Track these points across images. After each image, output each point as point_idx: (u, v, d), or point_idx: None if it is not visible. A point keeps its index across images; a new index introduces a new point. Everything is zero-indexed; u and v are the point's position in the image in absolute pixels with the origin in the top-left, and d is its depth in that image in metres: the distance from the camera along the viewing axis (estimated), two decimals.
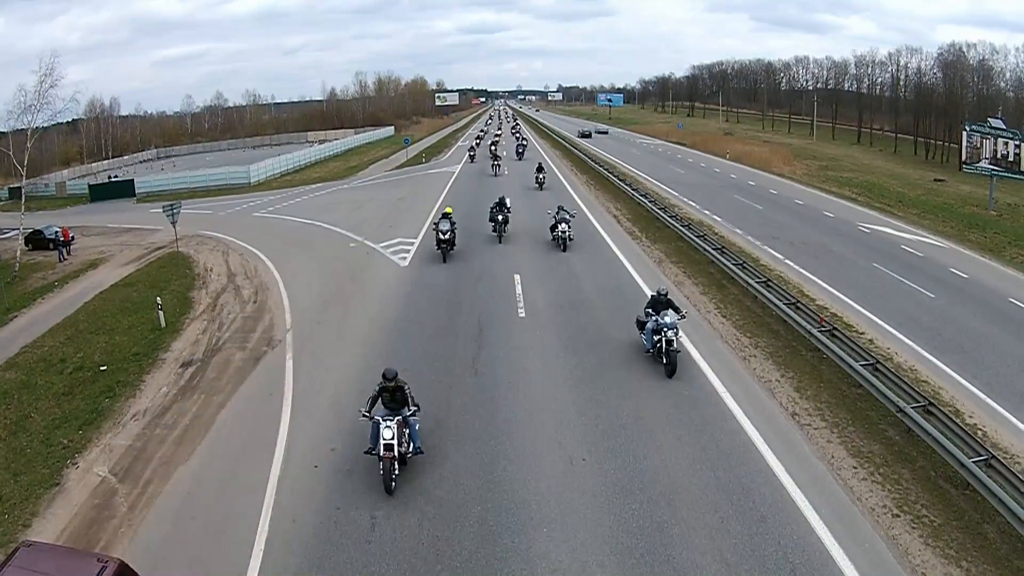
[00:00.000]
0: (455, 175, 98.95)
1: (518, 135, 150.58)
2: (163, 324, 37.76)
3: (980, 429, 24.56)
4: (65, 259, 60.51)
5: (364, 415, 21.70)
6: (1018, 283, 44.61)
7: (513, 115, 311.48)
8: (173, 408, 27.98)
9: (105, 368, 32.70)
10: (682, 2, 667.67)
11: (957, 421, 23.30)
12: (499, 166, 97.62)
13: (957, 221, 68.48)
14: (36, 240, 66.56)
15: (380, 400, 22.12)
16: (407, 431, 21.50)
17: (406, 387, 22.16)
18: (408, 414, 21.74)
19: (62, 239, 62.61)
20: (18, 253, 59.82)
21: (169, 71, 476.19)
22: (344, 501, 20.51)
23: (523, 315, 35.95)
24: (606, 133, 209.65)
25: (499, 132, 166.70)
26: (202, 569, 18.27)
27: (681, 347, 27.49)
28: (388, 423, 21.05)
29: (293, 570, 17.87)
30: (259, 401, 27.89)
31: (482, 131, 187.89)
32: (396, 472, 20.82)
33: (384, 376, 21.95)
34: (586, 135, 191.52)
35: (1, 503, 22.15)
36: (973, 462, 20.05)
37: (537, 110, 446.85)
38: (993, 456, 20.44)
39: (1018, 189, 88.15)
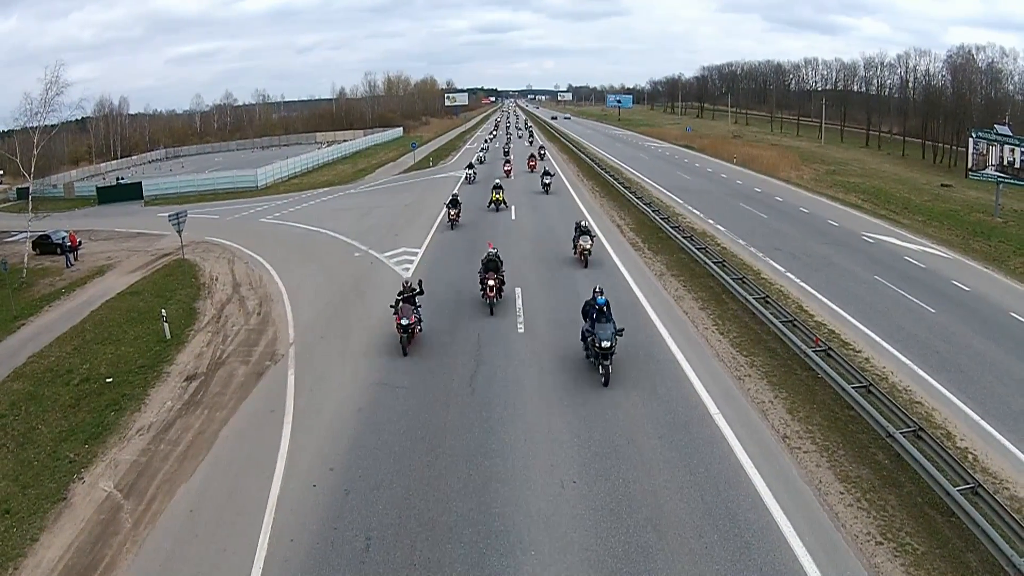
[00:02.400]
0: None
1: (546, 176, 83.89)
2: (168, 336, 38.18)
3: (971, 453, 24.70)
4: (72, 264, 60.66)
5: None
6: (1020, 296, 44.54)
7: (526, 123, 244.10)
8: (177, 423, 28.35)
9: (111, 380, 33.20)
10: (695, 2, 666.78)
11: (947, 446, 23.48)
12: None
13: (962, 229, 68.32)
14: (44, 245, 66.83)
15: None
16: None
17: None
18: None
19: (69, 244, 62.86)
20: (26, 258, 60.11)
21: (181, 69, 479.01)
22: (340, 522, 20.80)
23: (522, 330, 36.19)
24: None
25: (507, 163, 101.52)
26: None
27: None
28: None
29: None
30: (261, 418, 28.22)
31: (473, 166, 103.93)
32: None
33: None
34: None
35: (10, 516, 22.66)
36: (958, 490, 20.21)
37: (537, 107, 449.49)
38: (979, 484, 20.55)
39: None
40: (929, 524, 20.29)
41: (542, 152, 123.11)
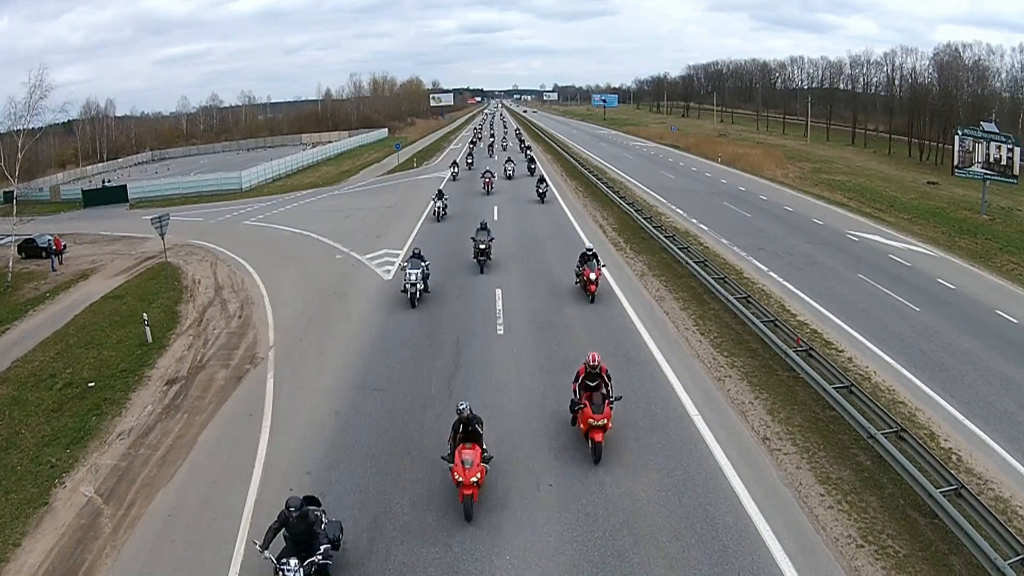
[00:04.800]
0: None
1: None
2: (150, 339, 38.06)
3: (955, 453, 24.65)
4: (57, 269, 60.58)
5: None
6: (1006, 293, 44.80)
7: (519, 134, 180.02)
8: (157, 428, 28.25)
9: (93, 385, 33.13)
10: (684, 1, 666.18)
11: (930, 447, 23.41)
12: None
13: (948, 226, 68.61)
14: (29, 249, 66.67)
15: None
16: None
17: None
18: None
19: (54, 248, 62.82)
20: (11, 262, 59.82)
21: (168, 71, 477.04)
22: None
23: (501, 332, 36.01)
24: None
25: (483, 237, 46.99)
26: None
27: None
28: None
29: None
30: (239, 421, 28.10)
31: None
32: None
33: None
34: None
35: None
36: (941, 492, 20.05)
37: (519, 106, 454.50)
38: (963, 486, 20.42)
39: (1012, 191, 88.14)
40: (911, 526, 20.20)
41: (590, 267, 41.04)
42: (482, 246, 46.48)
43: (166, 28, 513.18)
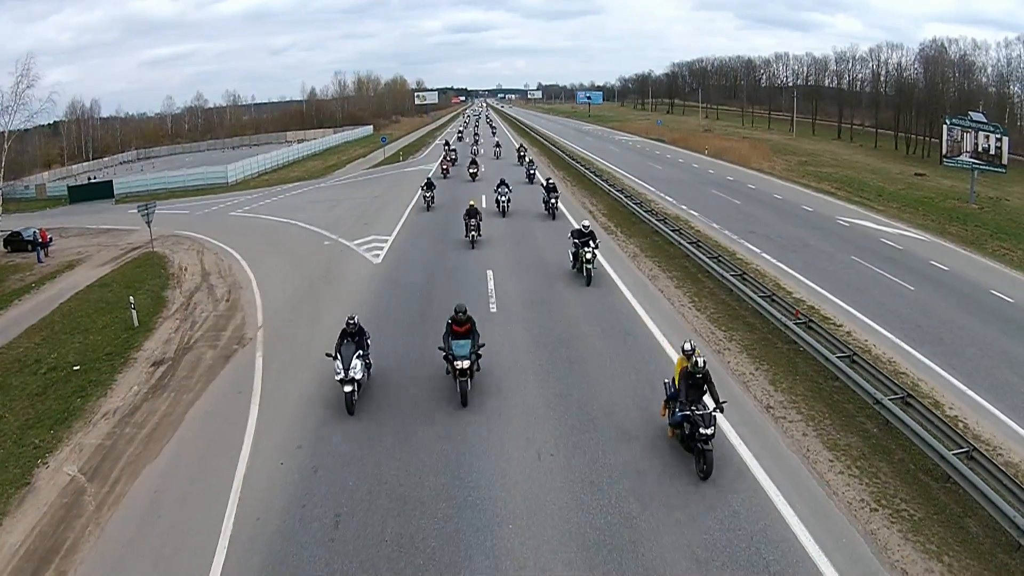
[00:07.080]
0: None
1: None
2: (136, 323, 37.61)
3: (961, 421, 24.51)
4: (43, 260, 60.07)
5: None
6: (999, 275, 44.78)
7: (522, 155, 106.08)
8: (143, 407, 27.78)
9: (78, 368, 32.64)
10: (669, 0, 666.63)
11: (937, 413, 23.15)
12: None
13: (938, 215, 68.48)
14: (15, 242, 66.46)
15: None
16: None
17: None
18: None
19: (40, 240, 62.29)
20: None
21: (153, 72, 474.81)
22: (309, 499, 20.25)
23: (494, 310, 35.78)
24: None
25: None
26: (167, 567, 18.10)
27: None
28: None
29: (256, 568, 17.64)
30: (228, 399, 27.69)
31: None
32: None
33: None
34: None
35: None
36: (954, 454, 19.86)
37: (502, 105, 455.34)
38: (975, 448, 20.28)
39: (999, 182, 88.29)
40: (924, 490, 19.98)
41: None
42: None
43: (153, 29, 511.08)
